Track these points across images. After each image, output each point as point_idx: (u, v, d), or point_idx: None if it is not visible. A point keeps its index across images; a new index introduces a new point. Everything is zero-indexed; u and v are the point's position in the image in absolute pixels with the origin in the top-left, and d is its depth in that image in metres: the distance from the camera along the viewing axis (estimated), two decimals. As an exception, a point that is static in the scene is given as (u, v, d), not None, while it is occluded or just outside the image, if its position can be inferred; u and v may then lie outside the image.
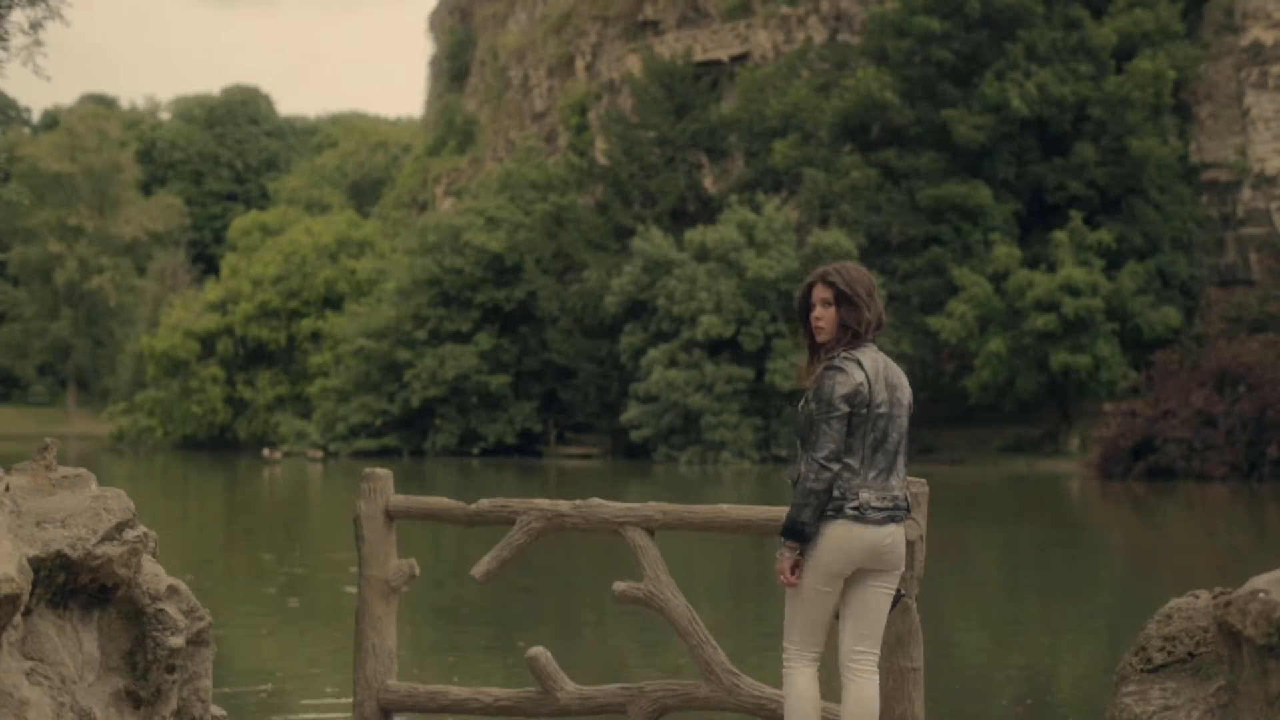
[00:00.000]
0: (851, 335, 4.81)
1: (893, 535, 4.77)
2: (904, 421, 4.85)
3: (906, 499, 4.86)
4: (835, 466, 4.65)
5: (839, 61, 56.23)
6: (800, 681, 4.83)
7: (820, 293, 4.85)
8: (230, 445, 68.36)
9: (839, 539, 4.70)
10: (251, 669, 10.53)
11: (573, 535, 4.97)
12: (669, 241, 51.58)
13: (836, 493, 4.70)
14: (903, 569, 4.92)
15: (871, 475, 4.73)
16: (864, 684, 4.82)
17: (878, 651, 4.92)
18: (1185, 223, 49.81)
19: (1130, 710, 4.40)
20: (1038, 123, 49.64)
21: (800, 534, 4.67)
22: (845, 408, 4.67)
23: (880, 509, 4.72)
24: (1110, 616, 14.43)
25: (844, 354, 4.77)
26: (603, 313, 52.84)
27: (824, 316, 4.84)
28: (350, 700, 6.15)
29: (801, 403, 4.88)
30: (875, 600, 4.84)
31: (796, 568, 4.75)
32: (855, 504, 4.69)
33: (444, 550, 18.64)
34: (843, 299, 4.81)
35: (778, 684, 5.70)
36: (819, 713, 4.89)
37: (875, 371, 4.81)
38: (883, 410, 4.76)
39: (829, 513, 4.70)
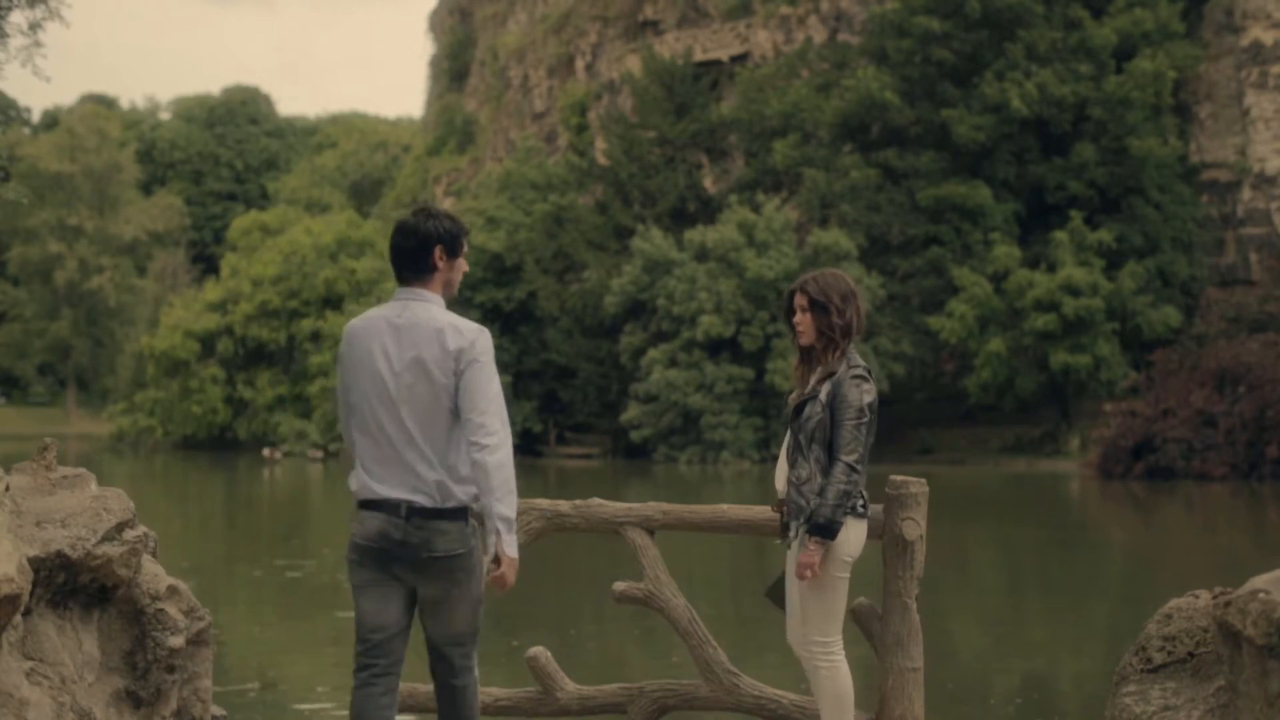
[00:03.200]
0: (829, 340, 5.10)
1: None
2: None
3: None
4: (861, 468, 4.97)
5: (839, 61, 56.21)
6: (845, 668, 5.08)
7: (799, 299, 5.16)
8: (230, 445, 68.36)
9: (856, 532, 5.01)
10: (251, 669, 10.52)
11: (573, 535, 4.99)
12: (669, 241, 51.57)
13: None
14: None
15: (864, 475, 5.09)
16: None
17: None
18: (1185, 223, 49.79)
19: (1130, 710, 4.40)
20: (1038, 123, 49.63)
21: (835, 532, 4.93)
22: (870, 414, 4.99)
23: (869, 505, 5.09)
24: (1110, 616, 14.43)
25: (860, 364, 5.07)
26: (603, 313, 52.82)
27: (803, 322, 5.15)
28: (350, 700, 6.14)
29: (806, 405, 5.06)
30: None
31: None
32: (863, 501, 5.02)
33: (444, 550, 18.57)
34: (815, 305, 5.11)
35: (777, 684, 5.69)
36: None
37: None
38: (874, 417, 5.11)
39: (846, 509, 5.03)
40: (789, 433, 5.14)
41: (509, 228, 57.73)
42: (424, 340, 4.42)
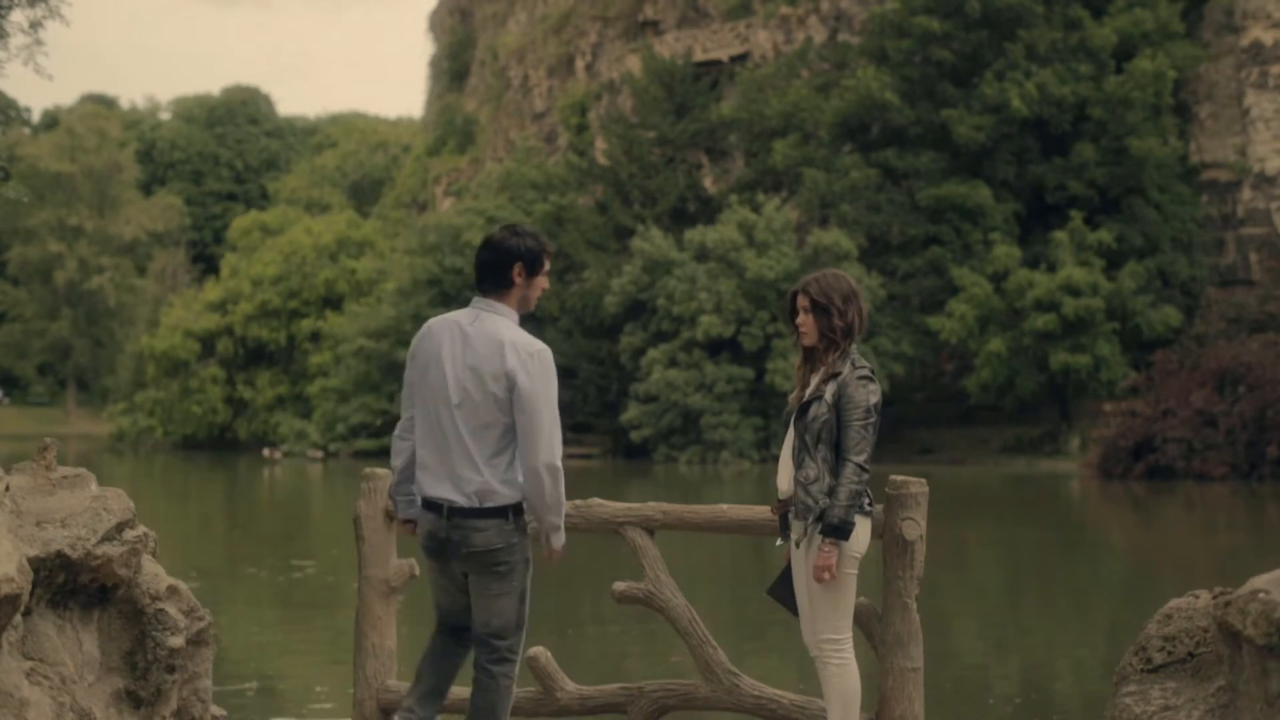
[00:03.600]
0: (830, 341, 5.14)
1: None
2: None
3: None
4: (868, 467, 5.01)
5: (839, 61, 56.19)
6: (854, 667, 5.11)
7: (801, 301, 5.21)
8: (230, 445, 68.35)
9: (864, 530, 5.08)
10: (251, 669, 10.52)
11: (573, 535, 5.01)
12: (669, 241, 51.55)
13: None
14: None
15: None
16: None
17: None
18: (1185, 223, 49.76)
19: (1130, 710, 4.40)
20: (1038, 123, 49.59)
21: (848, 533, 4.97)
22: (875, 414, 5.05)
23: (873, 503, 5.13)
24: (1110, 616, 14.43)
25: (865, 364, 5.12)
26: (603, 313, 52.80)
27: (805, 323, 5.19)
28: (350, 700, 6.15)
29: (811, 405, 5.09)
30: None
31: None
32: (869, 499, 5.09)
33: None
34: (817, 307, 5.15)
35: (777, 684, 5.69)
36: None
37: None
38: None
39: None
40: (791, 433, 5.15)
41: (509, 228, 57.66)
42: (486, 351, 4.77)
